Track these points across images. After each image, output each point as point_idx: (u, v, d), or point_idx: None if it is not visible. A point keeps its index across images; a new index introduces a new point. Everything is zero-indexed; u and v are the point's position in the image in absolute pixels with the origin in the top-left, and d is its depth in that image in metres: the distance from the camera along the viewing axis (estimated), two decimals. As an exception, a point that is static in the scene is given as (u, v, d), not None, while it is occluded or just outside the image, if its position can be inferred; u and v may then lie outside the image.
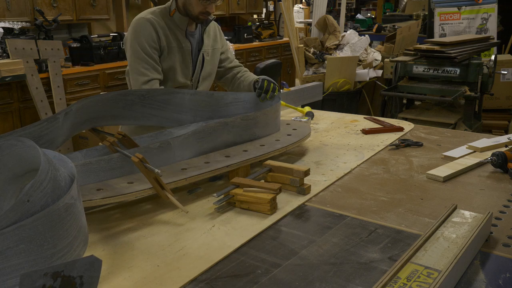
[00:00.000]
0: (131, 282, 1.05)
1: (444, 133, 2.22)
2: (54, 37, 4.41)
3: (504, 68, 4.42)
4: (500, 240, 1.22)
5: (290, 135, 1.87)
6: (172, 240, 1.24)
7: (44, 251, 0.87)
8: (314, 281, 1.05)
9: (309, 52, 4.92)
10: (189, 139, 1.58)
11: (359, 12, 10.97)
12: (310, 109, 2.48)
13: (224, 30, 6.82)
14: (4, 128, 3.99)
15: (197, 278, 1.07)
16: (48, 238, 0.88)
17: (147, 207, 1.45)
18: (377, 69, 4.85)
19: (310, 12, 7.87)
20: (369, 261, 1.13)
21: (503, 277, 1.06)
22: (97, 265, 0.86)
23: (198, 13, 2.02)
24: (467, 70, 3.65)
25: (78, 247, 0.96)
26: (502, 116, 4.65)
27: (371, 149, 1.96)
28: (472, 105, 3.73)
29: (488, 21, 5.13)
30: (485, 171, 1.70)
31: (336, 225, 1.31)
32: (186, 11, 2.04)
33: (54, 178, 0.93)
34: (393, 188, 1.57)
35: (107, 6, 4.98)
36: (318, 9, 5.39)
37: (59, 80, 4.22)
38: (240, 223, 1.32)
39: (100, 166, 1.40)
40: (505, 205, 1.43)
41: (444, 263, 1.02)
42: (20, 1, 4.23)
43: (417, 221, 1.33)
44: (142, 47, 1.99)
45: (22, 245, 0.84)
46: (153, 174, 1.32)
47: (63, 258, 0.91)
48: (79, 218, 0.98)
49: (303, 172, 1.50)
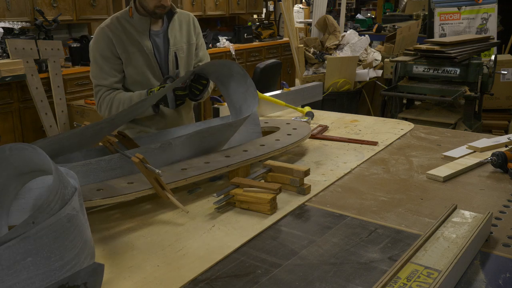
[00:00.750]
0: (131, 282, 1.05)
1: (444, 133, 2.22)
2: (54, 37, 4.41)
3: (504, 68, 4.42)
4: (500, 240, 1.22)
5: (290, 135, 1.87)
6: (172, 240, 1.24)
7: (52, 263, 0.87)
8: (314, 281, 1.05)
9: (309, 52, 4.92)
10: (190, 139, 1.58)
11: (359, 12, 10.97)
12: (310, 109, 2.48)
13: (224, 30, 6.86)
14: (4, 128, 3.99)
15: (197, 278, 1.07)
16: (54, 250, 0.87)
17: (147, 207, 1.45)
18: (377, 69, 4.85)
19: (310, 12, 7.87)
20: (369, 261, 1.13)
21: (503, 277, 1.06)
22: (100, 270, 0.86)
23: (153, 7, 2.02)
24: (467, 70, 3.65)
25: (86, 259, 0.95)
26: (502, 116, 4.65)
27: (371, 149, 1.96)
28: (472, 105, 3.73)
29: (488, 21, 5.13)
30: (485, 171, 1.70)
31: (336, 225, 1.31)
32: (143, 8, 2.05)
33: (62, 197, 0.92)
34: (393, 188, 1.57)
35: (107, 6, 4.98)
36: (318, 9, 5.39)
37: (59, 80, 4.22)
38: (240, 223, 1.32)
39: (100, 166, 1.40)
40: (505, 205, 1.43)
41: (444, 263, 1.02)
42: (20, 1, 4.23)
43: (417, 221, 1.33)
44: (97, 55, 2.06)
45: (29, 258, 0.84)
46: (153, 175, 1.32)
47: (72, 271, 0.90)
48: (84, 231, 0.97)
49: (303, 172, 1.50)
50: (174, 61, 2.13)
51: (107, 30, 2.05)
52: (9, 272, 0.82)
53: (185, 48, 2.18)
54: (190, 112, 2.37)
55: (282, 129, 1.95)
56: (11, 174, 1.13)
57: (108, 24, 2.08)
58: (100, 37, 2.06)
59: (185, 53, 2.18)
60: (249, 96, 1.83)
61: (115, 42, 2.04)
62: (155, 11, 2.03)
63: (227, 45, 6.21)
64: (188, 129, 1.93)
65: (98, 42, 2.06)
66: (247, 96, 1.83)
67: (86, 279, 0.82)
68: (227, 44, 6.23)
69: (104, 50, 2.05)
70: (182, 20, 2.20)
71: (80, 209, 0.99)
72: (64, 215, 0.90)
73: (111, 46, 2.04)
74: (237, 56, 6.26)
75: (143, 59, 2.08)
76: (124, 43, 2.05)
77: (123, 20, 2.08)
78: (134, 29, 2.07)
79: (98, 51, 2.06)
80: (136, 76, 2.09)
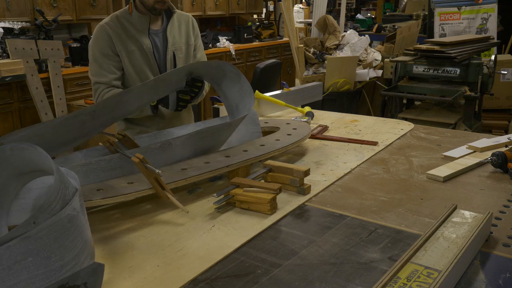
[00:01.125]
0: (131, 282, 1.05)
1: (444, 133, 2.22)
2: (54, 37, 4.41)
3: (504, 68, 4.42)
4: (500, 240, 1.22)
5: (290, 135, 1.87)
6: (172, 240, 1.24)
7: (52, 263, 0.87)
8: (314, 281, 1.05)
9: (309, 52, 4.92)
10: (190, 139, 1.58)
11: (359, 12, 10.97)
12: (310, 109, 2.48)
13: (224, 30, 6.86)
14: (4, 128, 3.99)
15: (197, 278, 1.07)
16: (54, 250, 0.87)
17: (147, 207, 1.45)
18: (377, 69, 4.85)
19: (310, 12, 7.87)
20: (369, 261, 1.13)
21: (503, 277, 1.06)
22: (100, 270, 0.86)
23: (153, 2, 2.02)
24: (467, 70, 3.65)
25: (86, 259, 0.95)
26: (502, 116, 4.65)
27: (371, 149, 1.96)
28: (472, 105, 3.73)
29: (488, 21, 5.13)
30: (485, 171, 1.70)
31: (336, 225, 1.31)
32: (143, 4, 2.05)
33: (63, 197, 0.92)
34: (393, 188, 1.57)
35: (107, 6, 4.98)
36: (318, 9, 5.39)
37: (59, 80, 4.22)
38: (240, 223, 1.32)
39: (100, 166, 1.40)
40: (505, 205, 1.43)
41: (444, 263, 1.02)
42: (20, 1, 4.23)
43: (417, 221, 1.33)
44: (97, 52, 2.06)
45: (30, 258, 0.84)
46: (153, 175, 1.32)
47: (72, 271, 0.90)
48: (84, 231, 0.97)
49: (303, 172, 1.50)
50: (172, 61, 2.13)
51: (107, 28, 2.06)
52: (9, 272, 0.82)
53: (183, 48, 2.18)
54: (190, 112, 2.37)
55: (282, 129, 1.95)
56: (11, 174, 1.13)
57: (107, 22, 2.08)
58: (100, 34, 2.07)
59: (184, 54, 2.18)
60: (244, 94, 1.82)
61: (115, 40, 2.05)
62: (155, 6, 2.03)
63: (227, 45, 6.21)
64: (188, 129, 1.93)
65: (98, 40, 2.07)
66: (242, 94, 1.82)
67: (86, 279, 0.82)
68: (227, 44, 6.23)
69: (103, 47, 2.05)
70: (182, 20, 2.21)
71: (81, 210, 0.99)
72: (64, 215, 0.90)
73: (111, 43, 2.05)
74: (237, 56, 6.26)
75: (142, 58, 2.08)
76: (123, 41, 2.06)
77: (123, 19, 2.09)
78: (134, 28, 2.07)
79: (97, 48, 2.07)
80: (135, 75, 2.09)
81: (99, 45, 2.06)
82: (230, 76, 1.81)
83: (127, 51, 2.06)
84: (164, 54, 2.13)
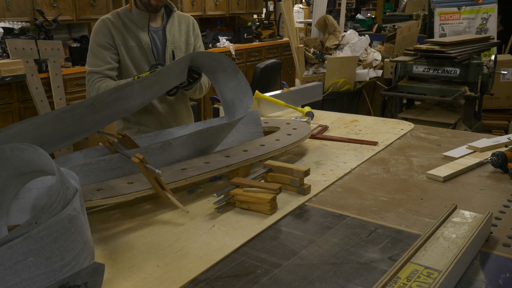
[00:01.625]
0: (131, 282, 1.05)
1: (444, 133, 2.22)
2: (54, 37, 4.41)
3: (504, 68, 4.42)
4: (500, 240, 1.22)
5: (290, 135, 1.87)
6: (172, 240, 1.23)
7: (53, 263, 0.87)
8: (314, 281, 1.05)
9: (309, 52, 4.92)
10: (190, 139, 1.58)
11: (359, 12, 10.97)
12: (310, 109, 2.48)
13: (224, 30, 6.86)
14: (4, 128, 3.98)
15: (197, 278, 1.07)
16: (55, 250, 0.87)
17: (147, 207, 1.45)
18: (377, 69, 4.85)
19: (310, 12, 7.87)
20: (369, 261, 1.13)
21: (503, 277, 1.06)
22: (100, 270, 0.86)
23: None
24: (467, 70, 3.65)
25: (86, 260, 0.96)
26: (502, 116, 4.65)
27: (371, 149, 1.96)
28: (472, 105, 3.73)
29: (488, 21, 5.13)
30: (485, 171, 1.70)
31: (336, 225, 1.31)
32: (140, 1, 2.07)
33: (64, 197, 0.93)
34: (393, 188, 1.57)
35: (107, 6, 4.98)
36: (318, 9, 5.39)
37: (59, 80, 4.22)
38: (240, 223, 1.32)
39: (100, 166, 1.40)
40: (505, 205, 1.43)
41: (444, 263, 1.02)
42: (20, 1, 4.23)
43: (417, 221, 1.33)
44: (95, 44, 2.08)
45: (31, 258, 0.84)
46: (153, 175, 1.32)
47: (72, 271, 0.90)
48: (84, 232, 0.97)
49: (303, 172, 1.50)
50: (171, 59, 2.14)
51: (107, 22, 2.09)
52: (10, 272, 0.82)
53: (183, 48, 2.19)
54: (189, 112, 2.37)
55: (282, 129, 1.95)
56: (11, 174, 1.13)
57: (108, 16, 2.12)
58: (99, 28, 2.10)
59: (183, 53, 2.18)
60: (240, 90, 1.82)
61: (114, 33, 2.07)
62: (150, 2, 2.04)
63: (227, 45, 6.21)
64: (188, 129, 1.93)
65: (97, 33, 2.10)
66: (238, 90, 1.82)
67: (87, 279, 0.82)
68: (227, 44, 6.23)
69: (101, 39, 2.08)
70: (182, 20, 2.21)
71: (81, 210, 0.99)
72: (65, 215, 0.90)
73: (109, 36, 2.08)
74: (237, 56, 6.26)
75: (141, 54, 2.10)
76: (123, 36, 2.08)
77: (123, 15, 2.12)
78: (133, 24, 2.10)
79: (95, 40, 2.09)
80: (134, 70, 2.10)
81: (97, 37, 2.09)
82: (228, 70, 1.81)
83: (126, 46, 2.08)
84: (163, 52, 2.14)
